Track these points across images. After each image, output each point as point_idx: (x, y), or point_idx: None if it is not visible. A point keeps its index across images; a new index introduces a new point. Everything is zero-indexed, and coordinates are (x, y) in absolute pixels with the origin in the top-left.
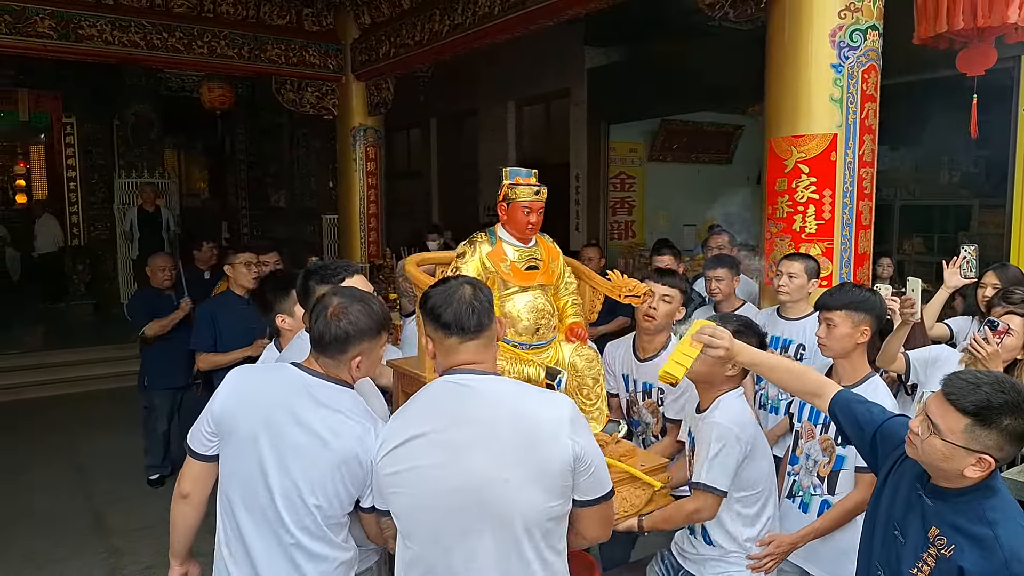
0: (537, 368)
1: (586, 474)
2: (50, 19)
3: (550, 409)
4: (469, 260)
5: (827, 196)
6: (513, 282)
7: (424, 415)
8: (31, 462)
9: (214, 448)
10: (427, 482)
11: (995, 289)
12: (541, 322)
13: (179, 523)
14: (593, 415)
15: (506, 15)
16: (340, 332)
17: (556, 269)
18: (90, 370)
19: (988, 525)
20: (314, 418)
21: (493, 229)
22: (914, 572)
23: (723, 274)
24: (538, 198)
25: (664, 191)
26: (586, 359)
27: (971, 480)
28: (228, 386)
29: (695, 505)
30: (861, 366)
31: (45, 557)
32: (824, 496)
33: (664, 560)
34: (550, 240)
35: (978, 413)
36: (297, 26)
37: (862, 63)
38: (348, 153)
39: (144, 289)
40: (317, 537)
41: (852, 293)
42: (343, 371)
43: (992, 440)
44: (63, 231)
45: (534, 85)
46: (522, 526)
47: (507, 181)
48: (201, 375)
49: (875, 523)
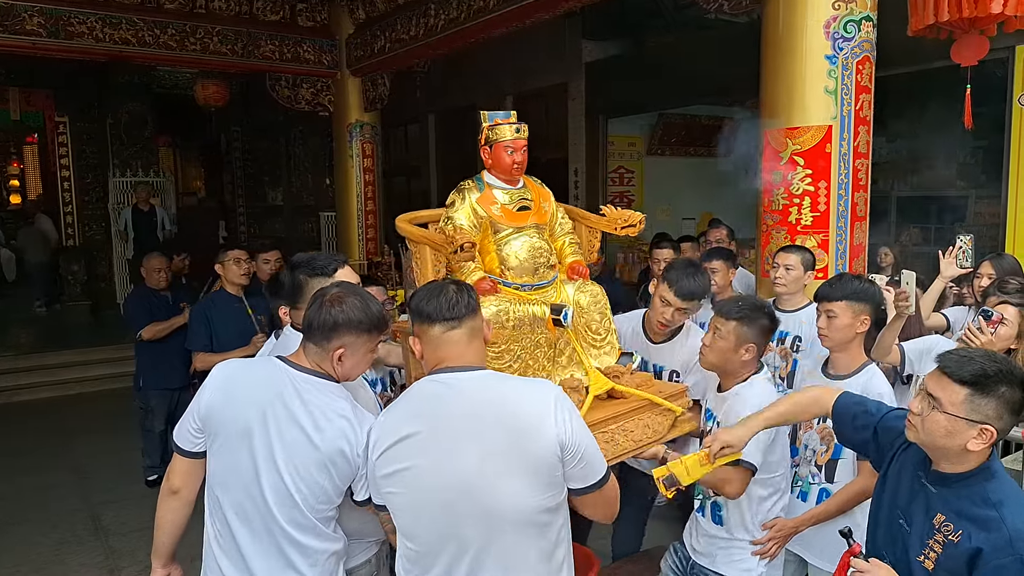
0: (541, 306)
1: (575, 462)
2: (39, 16)
3: (533, 399)
4: (460, 208)
5: (822, 188)
6: (506, 224)
7: (413, 415)
8: (28, 464)
9: (201, 445)
10: (422, 481)
11: (991, 279)
12: (540, 260)
13: (167, 520)
14: (605, 349)
15: (502, 9)
16: (329, 319)
17: (548, 209)
18: (86, 371)
19: (992, 506)
20: (300, 413)
21: (480, 176)
22: (921, 559)
23: (719, 266)
24: (519, 135)
25: (663, 185)
26: (590, 295)
27: (974, 455)
28: (213, 383)
29: (726, 475)
30: (857, 356)
31: (43, 559)
32: (823, 484)
33: (677, 553)
34: (539, 182)
35: (975, 382)
36: (291, 22)
37: (856, 54)
38: (345, 150)
39: (140, 289)
40: (307, 530)
41: (852, 284)
42: (327, 362)
43: (991, 409)
44: (58, 231)
45: (532, 80)
46: (515, 521)
47: (486, 123)
48: (197, 375)
49: (879, 513)
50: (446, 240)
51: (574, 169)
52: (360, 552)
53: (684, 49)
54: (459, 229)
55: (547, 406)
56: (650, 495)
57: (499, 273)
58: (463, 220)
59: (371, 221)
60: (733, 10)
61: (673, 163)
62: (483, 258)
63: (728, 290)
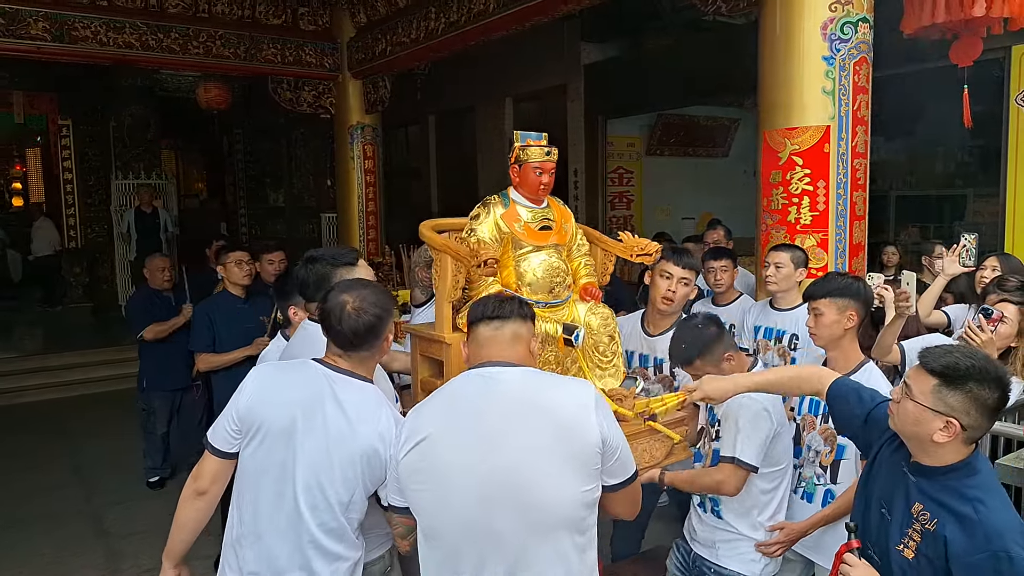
0: (554, 324)
1: (613, 457)
2: (44, 21)
3: (575, 395)
4: (483, 221)
5: (821, 187)
6: (527, 242)
7: (449, 409)
8: (30, 465)
9: (237, 445)
10: (456, 476)
11: (994, 272)
12: (556, 280)
13: (189, 520)
14: (610, 372)
15: (501, 12)
16: (372, 319)
17: (569, 230)
18: (89, 372)
19: (969, 503)
20: (338, 412)
21: (506, 192)
22: (900, 548)
23: (726, 264)
24: (549, 159)
25: (662, 185)
26: (601, 317)
27: (946, 450)
28: (252, 384)
29: (722, 475)
30: (853, 354)
31: (44, 560)
32: (828, 485)
33: (679, 549)
34: (562, 203)
35: (944, 373)
36: (293, 25)
37: (853, 55)
38: (346, 151)
39: (142, 290)
40: (336, 535)
41: (835, 281)
42: (372, 362)
43: (957, 402)
44: (60, 234)
45: (531, 81)
46: (558, 514)
47: (518, 144)
48: (200, 376)
49: (867, 503)
50: (470, 253)
51: (574, 170)
52: (375, 547)
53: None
54: (483, 243)
55: (589, 401)
56: (653, 496)
57: (515, 288)
58: (486, 234)
59: (372, 222)
60: (731, 12)
61: (672, 163)
62: (501, 271)
63: (731, 290)
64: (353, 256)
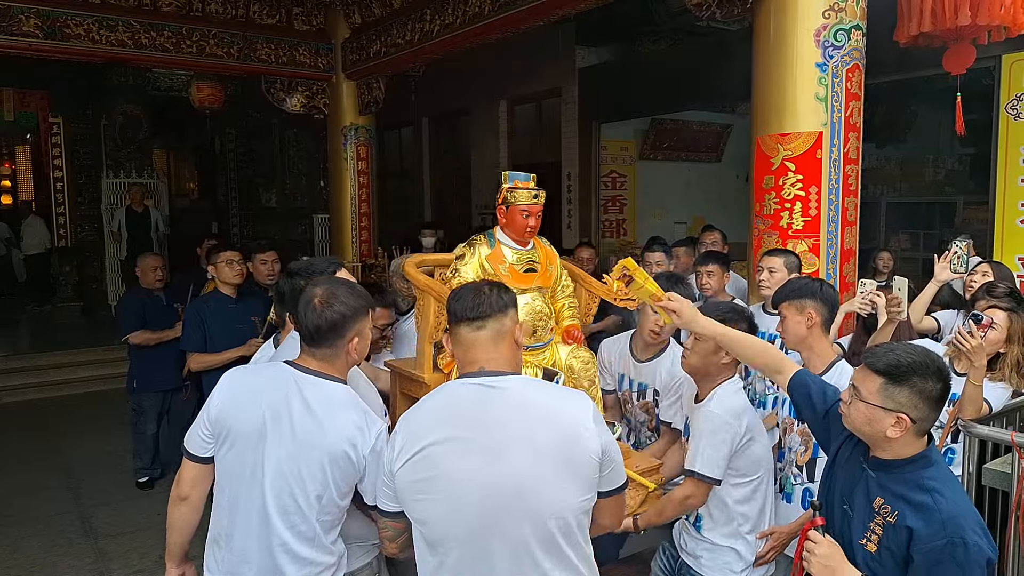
0: (535, 369)
1: (610, 466)
2: (35, 18)
3: (576, 405)
4: (468, 262)
5: (813, 193)
6: (512, 284)
7: (447, 418)
8: (18, 465)
9: (211, 450)
10: (461, 486)
11: (985, 278)
12: (539, 324)
13: (178, 525)
14: None
15: (496, 15)
16: (335, 316)
17: (553, 272)
18: (78, 372)
19: (927, 492)
20: (304, 415)
21: (492, 232)
22: (863, 543)
23: (714, 269)
24: (536, 202)
25: (655, 189)
26: (582, 361)
27: (900, 444)
28: (223, 388)
29: (685, 492)
30: (824, 353)
31: (32, 560)
32: (805, 484)
33: (665, 552)
34: (548, 244)
35: (888, 372)
36: (287, 25)
37: (846, 62)
38: (339, 152)
39: (133, 290)
40: (306, 539)
41: (791, 284)
42: (340, 360)
43: (905, 398)
44: (50, 232)
45: (526, 84)
46: (559, 522)
47: (506, 185)
48: (191, 377)
49: (831, 500)
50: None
51: (567, 173)
52: (361, 555)
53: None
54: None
55: (587, 412)
56: None
57: None
58: (470, 275)
59: (365, 223)
60: (725, 18)
61: (665, 167)
62: None
63: (722, 294)
64: (332, 270)
